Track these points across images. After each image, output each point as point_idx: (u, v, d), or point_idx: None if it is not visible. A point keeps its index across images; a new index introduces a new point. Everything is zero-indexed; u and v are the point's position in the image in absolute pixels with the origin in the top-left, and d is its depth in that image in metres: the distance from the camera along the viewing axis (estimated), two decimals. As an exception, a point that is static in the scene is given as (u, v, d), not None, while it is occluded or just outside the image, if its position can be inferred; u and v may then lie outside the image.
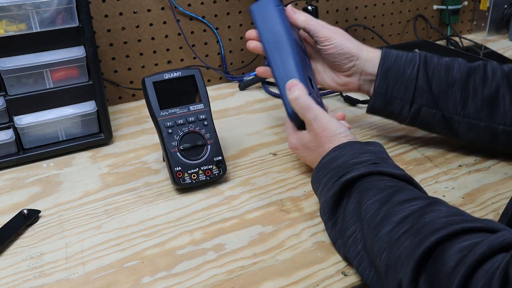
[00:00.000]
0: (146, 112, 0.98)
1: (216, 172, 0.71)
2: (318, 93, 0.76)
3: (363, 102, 0.96)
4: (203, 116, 0.72)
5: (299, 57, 0.72)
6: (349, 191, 0.57)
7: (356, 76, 0.76)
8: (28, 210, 0.66)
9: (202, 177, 0.70)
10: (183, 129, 0.70)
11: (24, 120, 0.77)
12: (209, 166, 0.71)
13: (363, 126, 0.88)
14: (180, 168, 0.69)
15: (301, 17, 0.75)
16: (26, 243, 0.62)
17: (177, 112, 0.71)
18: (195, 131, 0.71)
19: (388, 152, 0.79)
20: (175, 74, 0.72)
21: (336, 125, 0.65)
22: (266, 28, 0.73)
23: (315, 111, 0.67)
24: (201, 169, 0.70)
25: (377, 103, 0.75)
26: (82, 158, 0.81)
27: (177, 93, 0.72)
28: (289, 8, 0.76)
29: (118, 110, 1.00)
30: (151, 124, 0.90)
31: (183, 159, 0.69)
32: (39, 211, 0.67)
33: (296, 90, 0.68)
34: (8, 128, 0.77)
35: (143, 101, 1.04)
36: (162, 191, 0.72)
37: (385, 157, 0.61)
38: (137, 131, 0.91)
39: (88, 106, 0.81)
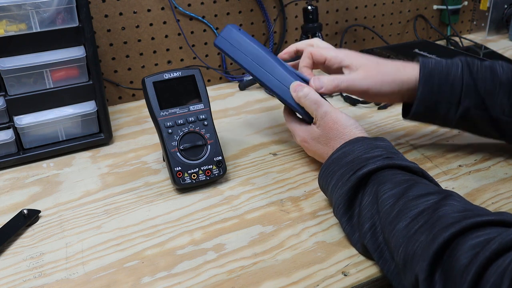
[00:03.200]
0: (146, 112, 0.98)
1: (216, 172, 0.71)
2: None
3: (363, 102, 0.96)
4: (203, 116, 0.72)
5: (282, 64, 0.74)
6: (364, 185, 0.58)
7: (395, 93, 0.72)
8: (28, 210, 0.66)
9: (202, 177, 0.70)
10: (183, 129, 0.70)
11: (24, 120, 0.77)
12: (209, 166, 0.71)
13: (363, 126, 0.88)
14: (180, 168, 0.69)
15: (328, 85, 0.71)
16: (26, 243, 0.62)
17: (177, 112, 0.71)
18: (195, 131, 0.71)
19: (388, 152, 0.79)
20: (175, 74, 0.72)
21: (346, 118, 0.67)
22: (240, 53, 0.74)
23: (326, 105, 0.68)
24: (201, 169, 0.70)
25: (421, 108, 0.71)
26: (82, 158, 0.81)
27: (177, 93, 0.72)
28: (313, 82, 0.71)
29: (118, 110, 1.00)
30: (151, 124, 0.90)
31: (183, 159, 0.69)
32: (39, 211, 0.67)
33: (304, 88, 0.69)
34: (8, 128, 0.77)
35: (143, 101, 1.04)
36: (162, 191, 0.72)
37: (395, 152, 0.62)
38: (137, 131, 0.91)
39: (88, 106, 0.81)
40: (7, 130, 0.77)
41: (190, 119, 0.71)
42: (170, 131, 0.70)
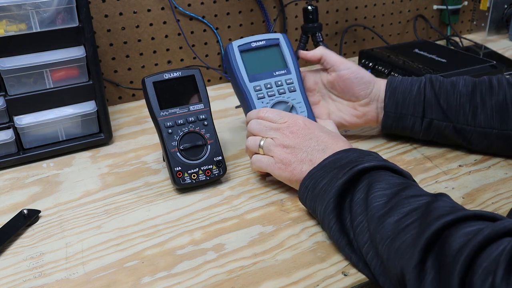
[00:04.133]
0: (146, 112, 0.98)
1: (216, 172, 0.71)
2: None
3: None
4: (203, 116, 0.72)
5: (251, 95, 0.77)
6: (358, 181, 0.57)
7: (374, 104, 0.78)
8: (28, 210, 0.66)
9: (202, 177, 0.70)
10: (183, 129, 0.70)
11: (24, 120, 0.77)
12: (209, 166, 0.71)
13: (363, 126, 0.88)
14: (180, 168, 0.69)
15: (315, 52, 0.80)
16: (26, 243, 0.62)
17: (177, 112, 0.71)
18: (195, 131, 0.71)
19: (388, 152, 0.79)
20: (175, 74, 0.72)
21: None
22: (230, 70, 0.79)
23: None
24: (201, 169, 0.70)
25: (389, 121, 0.77)
26: (82, 158, 0.81)
27: (177, 93, 0.72)
28: (302, 53, 0.81)
29: (118, 110, 1.00)
30: (151, 124, 0.90)
31: (183, 159, 0.69)
32: (39, 211, 0.67)
33: (248, 139, 0.71)
34: (8, 128, 0.77)
35: (143, 101, 1.04)
36: (162, 191, 0.72)
37: (385, 160, 0.62)
38: (137, 131, 0.91)
39: (88, 106, 0.81)
40: (7, 130, 0.77)
41: (190, 119, 0.71)
42: (170, 131, 0.70)
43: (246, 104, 0.77)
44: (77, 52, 0.77)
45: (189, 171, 0.69)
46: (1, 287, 0.55)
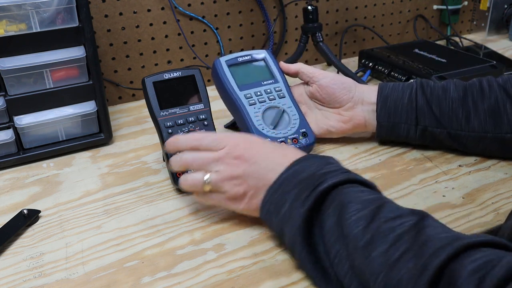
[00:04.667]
0: (146, 112, 0.98)
1: None
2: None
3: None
4: (203, 116, 0.72)
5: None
6: (325, 204, 0.52)
7: (358, 107, 0.77)
8: (28, 210, 0.66)
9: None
10: (183, 129, 0.70)
11: (24, 120, 0.77)
12: None
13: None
14: None
15: (292, 66, 0.81)
16: (26, 243, 0.62)
17: (177, 112, 0.71)
18: (195, 131, 0.71)
19: (388, 152, 0.79)
20: (175, 74, 0.72)
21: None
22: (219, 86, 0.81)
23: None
24: None
25: (383, 131, 0.77)
26: (82, 158, 0.81)
27: (177, 93, 0.72)
28: (282, 64, 0.82)
29: (118, 110, 1.00)
30: (151, 124, 0.90)
31: None
32: (39, 211, 0.67)
33: (171, 160, 0.64)
34: (8, 128, 0.77)
35: (143, 101, 1.04)
36: (162, 191, 0.72)
37: (347, 170, 0.57)
38: (137, 131, 0.91)
39: (88, 106, 0.81)
40: (7, 130, 0.77)
41: (190, 119, 0.71)
42: (170, 131, 0.70)
43: (238, 113, 0.77)
44: (77, 52, 0.77)
45: (189, 171, 0.69)
46: (1, 287, 0.55)
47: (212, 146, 0.61)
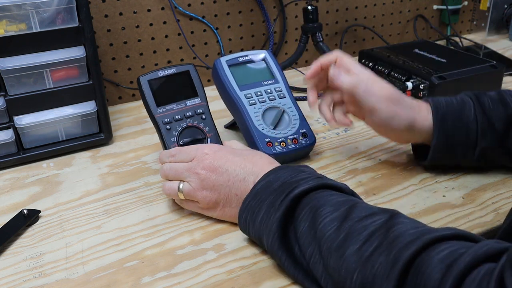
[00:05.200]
0: (146, 112, 0.98)
1: None
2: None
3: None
4: (201, 110, 0.72)
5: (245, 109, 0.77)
6: (298, 209, 0.53)
7: (411, 132, 0.68)
8: (28, 210, 0.66)
9: None
10: (181, 124, 0.70)
11: (24, 120, 0.77)
12: None
13: (363, 126, 0.88)
14: None
15: (346, 81, 0.67)
16: (26, 243, 0.62)
17: (174, 108, 0.71)
18: (194, 126, 0.71)
19: (388, 152, 0.79)
20: (170, 71, 0.72)
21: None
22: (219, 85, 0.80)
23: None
24: None
25: (437, 155, 0.68)
26: (82, 158, 0.81)
27: (173, 90, 0.72)
28: (333, 71, 0.69)
29: (118, 110, 1.00)
30: (151, 124, 0.90)
31: None
32: (39, 211, 0.67)
33: (163, 165, 0.65)
34: (8, 128, 0.77)
35: (143, 101, 1.04)
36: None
37: (319, 175, 0.58)
38: (137, 131, 0.91)
39: (88, 106, 0.81)
40: (7, 130, 0.77)
41: (187, 114, 0.71)
42: (168, 127, 0.70)
43: (239, 113, 0.77)
44: (77, 52, 0.77)
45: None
46: (1, 287, 0.55)
47: (184, 159, 0.63)
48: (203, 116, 0.72)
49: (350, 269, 0.45)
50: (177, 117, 0.70)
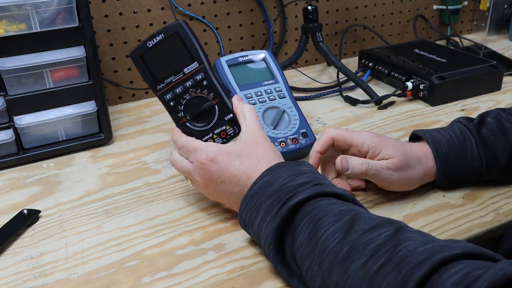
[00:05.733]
0: (146, 112, 0.98)
1: (231, 131, 0.66)
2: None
3: (363, 102, 0.96)
4: (200, 76, 0.65)
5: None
6: (296, 218, 0.52)
7: (411, 169, 0.66)
8: (28, 210, 0.66)
9: (218, 141, 0.66)
10: (184, 97, 0.65)
11: (24, 120, 0.77)
12: (222, 127, 0.66)
13: (363, 126, 0.88)
14: (195, 138, 0.64)
15: (356, 168, 0.64)
16: (26, 243, 0.62)
17: (173, 81, 0.65)
18: (197, 95, 0.66)
19: (388, 152, 0.79)
20: (158, 38, 0.64)
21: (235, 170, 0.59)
22: None
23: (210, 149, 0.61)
24: (214, 133, 0.66)
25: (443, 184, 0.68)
26: (82, 158, 0.81)
27: (168, 59, 0.66)
28: (339, 162, 0.64)
29: (118, 110, 1.00)
30: (151, 124, 0.90)
31: (194, 127, 0.65)
32: (39, 211, 0.67)
33: (181, 139, 0.64)
34: (8, 128, 0.77)
35: (143, 101, 1.04)
36: (162, 191, 0.72)
37: (321, 177, 0.56)
38: (137, 131, 0.91)
39: (88, 106, 0.81)
40: (7, 130, 0.77)
41: (187, 84, 0.65)
42: (172, 103, 0.65)
43: None
44: (77, 52, 0.77)
45: (203, 139, 0.65)
46: (1, 287, 0.55)
47: (187, 157, 0.63)
48: (205, 82, 0.65)
49: (355, 285, 0.44)
50: (177, 90, 0.65)
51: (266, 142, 0.62)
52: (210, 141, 0.65)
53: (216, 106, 0.66)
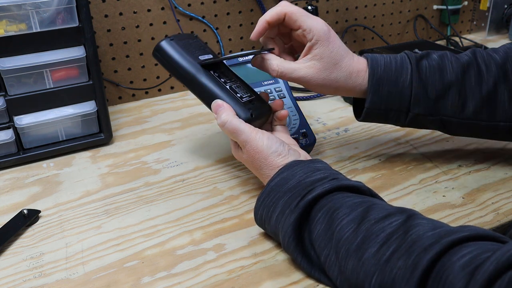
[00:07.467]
0: (146, 112, 0.98)
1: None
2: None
3: (363, 102, 0.96)
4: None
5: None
6: (313, 212, 0.54)
7: (346, 79, 0.67)
8: (28, 210, 0.66)
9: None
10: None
11: (24, 120, 0.77)
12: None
13: (363, 126, 0.88)
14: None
15: (273, 65, 0.67)
16: (26, 243, 0.62)
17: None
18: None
19: (388, 152, 0.79)
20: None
21: (268, 145, 0.61)
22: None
23: (245, 133, 0.62)
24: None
25: (370, 116, 0.69)
26: (82, 158, 0.81)
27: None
28: (255, 60, 0.69)
29: (118, 110, 1.00)
30: (151, 124, 0.90)
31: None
32: (39, 211, 0.67)
33: (223, 113, 0.63)
34: (8, 128, 0.77)
35: (143, 101, 1.04)
36: (162, 191, 0.72)
37: (336, 172, 0.58)
38: (137, 131, 0.91)
39: (88, 106, 0.81)
40: (7, 130, 0.77)
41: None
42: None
43: None
44: (77, 52, 0.77)
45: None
46: (1, 287, 0.55)
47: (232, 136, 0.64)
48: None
49: (369, 272, 0.46)
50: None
51: (262, 147, 0.63)
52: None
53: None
